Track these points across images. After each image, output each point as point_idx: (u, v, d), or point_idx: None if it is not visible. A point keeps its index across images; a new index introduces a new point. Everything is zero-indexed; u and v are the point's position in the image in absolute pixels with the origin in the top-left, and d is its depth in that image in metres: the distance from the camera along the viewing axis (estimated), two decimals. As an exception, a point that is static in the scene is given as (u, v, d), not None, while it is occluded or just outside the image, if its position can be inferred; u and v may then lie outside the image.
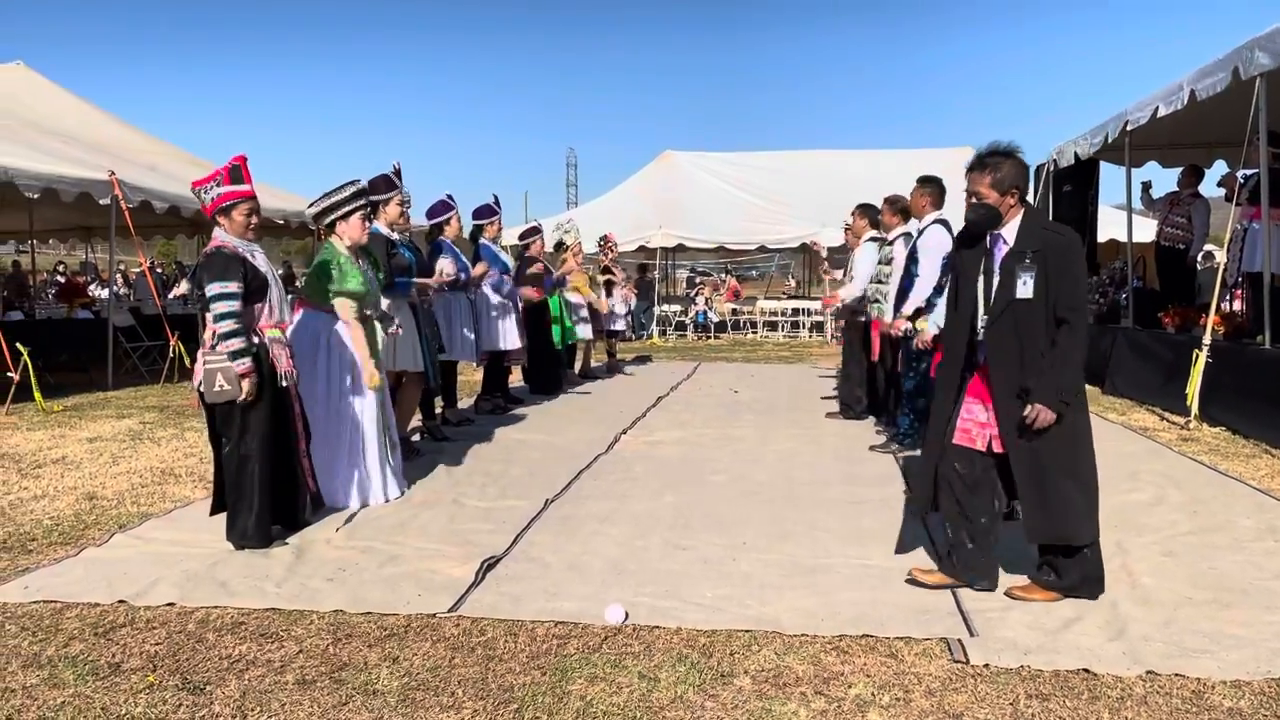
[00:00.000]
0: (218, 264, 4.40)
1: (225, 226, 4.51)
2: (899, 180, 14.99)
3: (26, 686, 3.10)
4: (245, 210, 4.53)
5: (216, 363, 4.37)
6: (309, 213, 5.54)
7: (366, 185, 5.45)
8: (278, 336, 4.58)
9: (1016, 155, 3.77)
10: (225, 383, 4.35)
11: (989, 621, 3.60)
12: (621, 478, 6.13)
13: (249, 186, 4.57)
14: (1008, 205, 3.73)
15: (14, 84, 14.39)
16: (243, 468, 4.50)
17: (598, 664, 3.28)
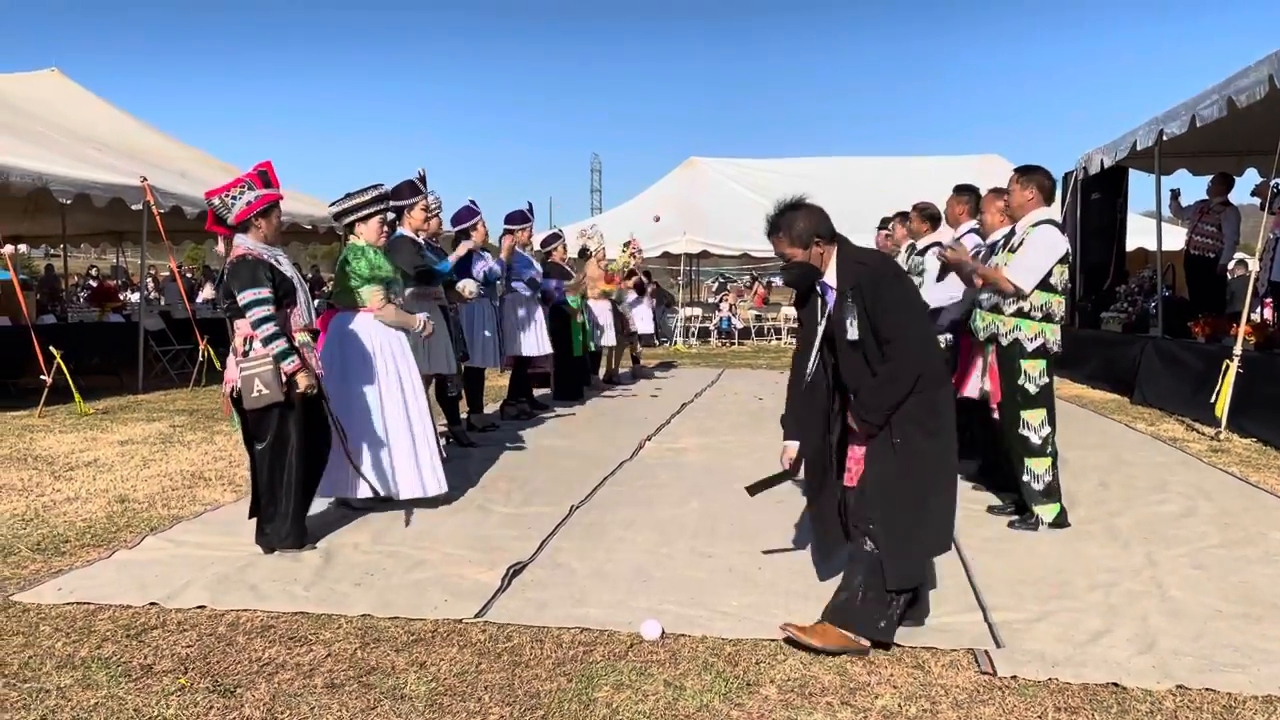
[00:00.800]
0: (246, 271, 4.44)
1: (257, 231, 4.55)
2: (925, 187, 14.97)
3: (61, 687, 3.15)
4: (280, 213, 4.65)
5: (253, 369, 4.41)
6: (330, 212, 5.60)
7: (388, 191, 5.48)
8: (307, 340, 4.64)
9: (802, 204, 3.67)
10: (263, 387, 4.40)
11: (1016, 633, 3.58)
12: (646, 485, 6.14)
13: (278, 190, 4.65)
14: (816, 254, 3.58)
15: (48, 90, 14.63)
16: (275, 471, 4.55)
17: (624, 671, 3.29)
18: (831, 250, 3.60)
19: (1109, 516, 5.28)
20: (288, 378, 4.42)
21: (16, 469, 6.53)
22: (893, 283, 3.50)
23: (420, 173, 6.34)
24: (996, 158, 22.02)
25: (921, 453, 3.46)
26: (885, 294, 3.47)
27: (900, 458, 3.46)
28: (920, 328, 3.53)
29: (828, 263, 3.60)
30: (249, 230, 4.54)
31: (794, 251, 3.61)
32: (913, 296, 3.63)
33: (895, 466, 3.46)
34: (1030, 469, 4.96)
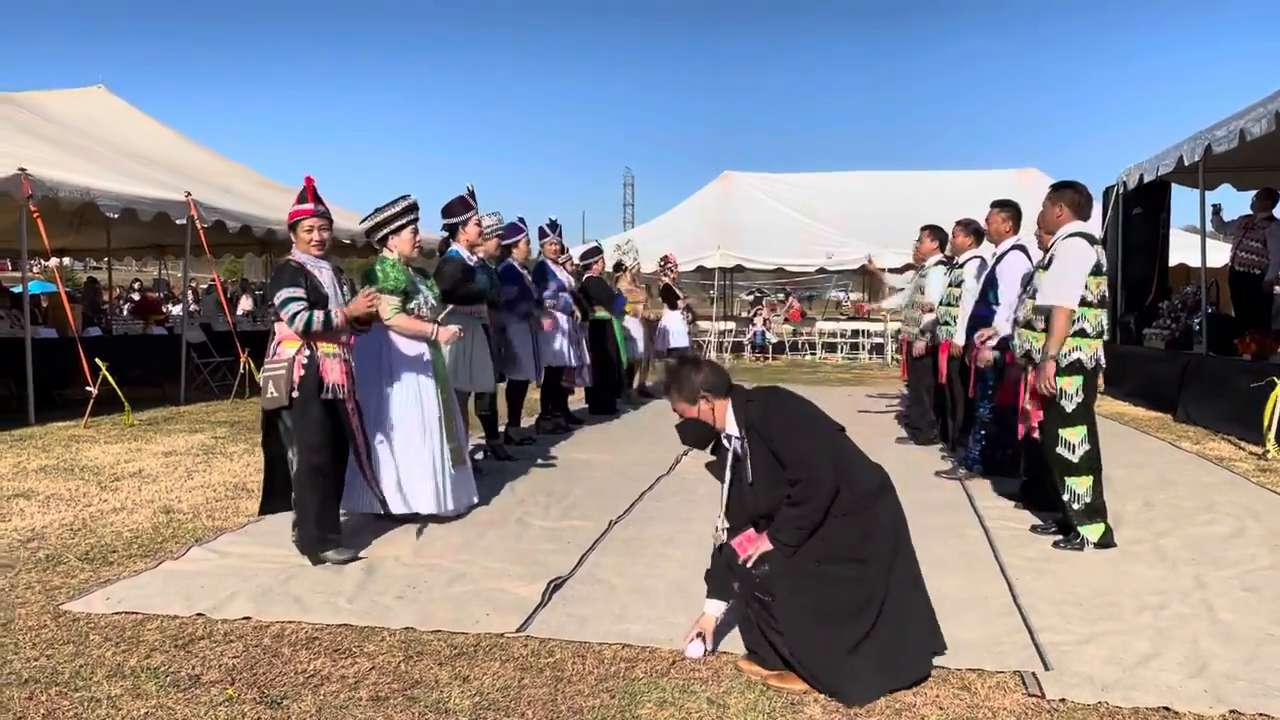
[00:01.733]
0: (286, 275, 4.69)
1: (297, 243, 4.80)
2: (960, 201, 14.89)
3: (111, 696, 3.19)
4: (308, 226, 4.78)
5: (272, 371, 4.63)
6: (361, 228, 5.67)
7: (415, 201, 5.52)
8: (334, 352, 4.71)
9: (699, 361, 3.63)
10: (274, 390, 4.60)
11: (1064, 655, 3.53)
12: (684, 500, 6.13)
13: (311, 205, 4.80)
14: (705, 409, 3.52)
15: (95, 107, 14.93)
16: (299, 477, 4.67)
17: (666, 689, 3.28)
18: (724, 404, 3.51)
19: (1156, 537, 5.20)
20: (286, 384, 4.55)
21: (64, 479, 6.64)
22: (779, 414, 3.40)
23: (469, 188, 6.39)
24: (1034, 171, 21.84)
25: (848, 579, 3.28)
26: (774, 429, 3.37)
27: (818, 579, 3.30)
28: (821, 448, 3.33)
29: (721, 416, 3.52)
30: (294, 239, 4.81)
31: (684, 408, 3.56)
32: (803, 418, 3.43)
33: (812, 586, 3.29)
34: (1070, 488, 4.90)
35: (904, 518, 3.45)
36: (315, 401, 4.63)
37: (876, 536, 3.33)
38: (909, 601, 3.34)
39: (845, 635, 3.23)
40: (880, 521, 3.35)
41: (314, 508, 4.65)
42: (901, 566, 3.35)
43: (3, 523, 5.41)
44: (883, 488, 3.43)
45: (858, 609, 3.26)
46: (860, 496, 3.34)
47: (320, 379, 4.63)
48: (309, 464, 4.64)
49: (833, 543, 3.32)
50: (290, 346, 4.64)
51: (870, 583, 3.29)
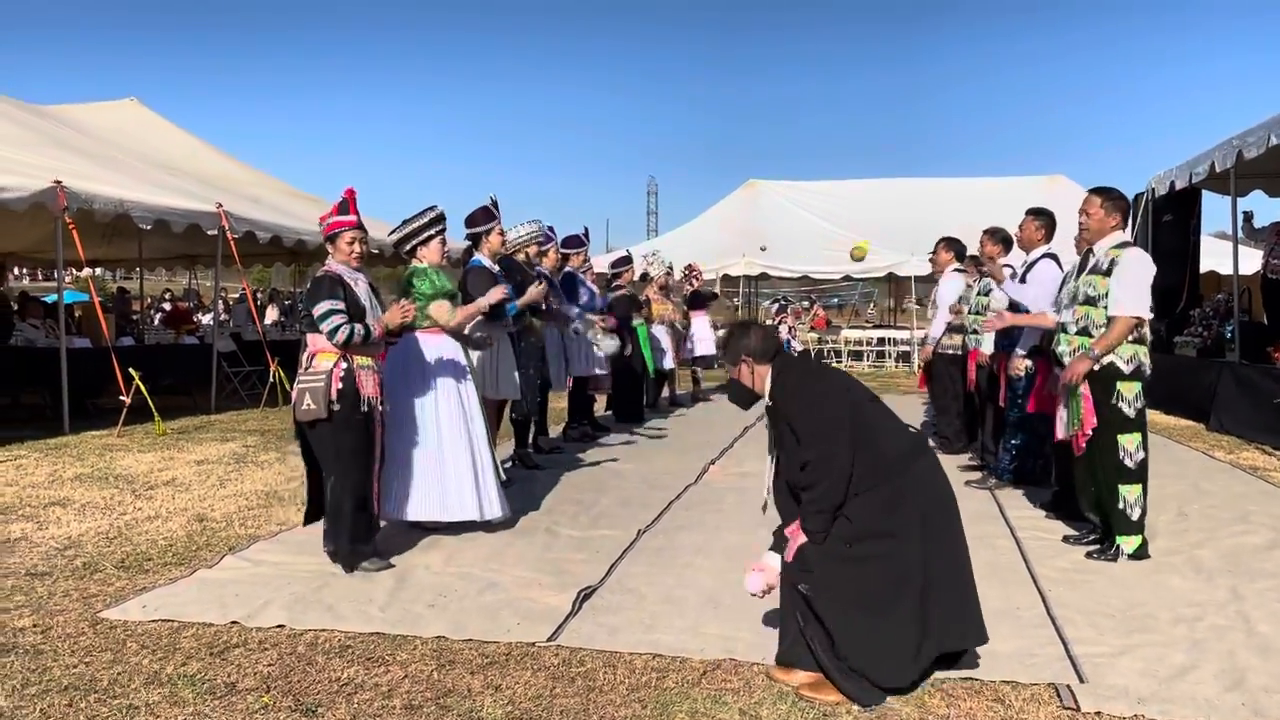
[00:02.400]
0: (324, 287, 4.70)
1: (332, 253, 4.83)
2: (988, 208, 14.80)
3: (149, 704, 3.23)
4: (349, 239, 4.80)
5: (307, 383, 4.62)
6: (389, 240, 5.73)
7: (442, 211, 5.57)
8: (369, 364, 4.75)
9: (750, 324, 3.63)
10: (311, 402, 4.58)
11: (1098, 668, 3.50)
12: (712, 509, 6.13)
13: (353, 217, 4.83)
14: (745, 371, 3.52)
15: (127, 119, 15.15)
16: (336, 487, 4.69)
17: (698, 699, 3.28)
18: (765, 370, 3.50)
19: (1190, 548, 5.14)
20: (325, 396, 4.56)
21: (99, 487, 6.72)
22: (799, 397, 3.39)
23: (492, 198, 6.44)
24: (1062, 178, 21.69)
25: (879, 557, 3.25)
26: (793, 410, 3.38)
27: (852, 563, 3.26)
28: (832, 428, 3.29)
29: (761, 382, 3.52)
30: (330, 253, 4.83)
31: (729, 368, 3.60)
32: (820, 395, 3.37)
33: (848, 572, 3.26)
34: (1124, 496, 4.84)
35: (942, 485, 3.37)
36: (353, 413, 4.65)
37: (905, 507, 3.26)
38: (950, 575, 3.29)
39: (887, 621, 3.20)
40: (905, 491, 3.28)
41: (349, 519, 4.68)
42: (937, 537, 3.28)
43: (40, 530, 5.49)
44: (912, 454, 3.36)
45: (895, 588, 3.22)
46: (885, 467, 3.28)
47: (357, 391, 4.67)
48: (344, 475, 4.67)
49: (859, 520, 3.27)
50: (327, 359, 4.65)
51: (903, 558, 3.23)
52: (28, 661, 3.56)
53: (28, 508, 6.07)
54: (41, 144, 11.05)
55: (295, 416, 4.69)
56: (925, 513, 3.29)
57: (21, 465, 7.56)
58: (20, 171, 9.11)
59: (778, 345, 3.56)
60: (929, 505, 3.32)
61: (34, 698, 3.26)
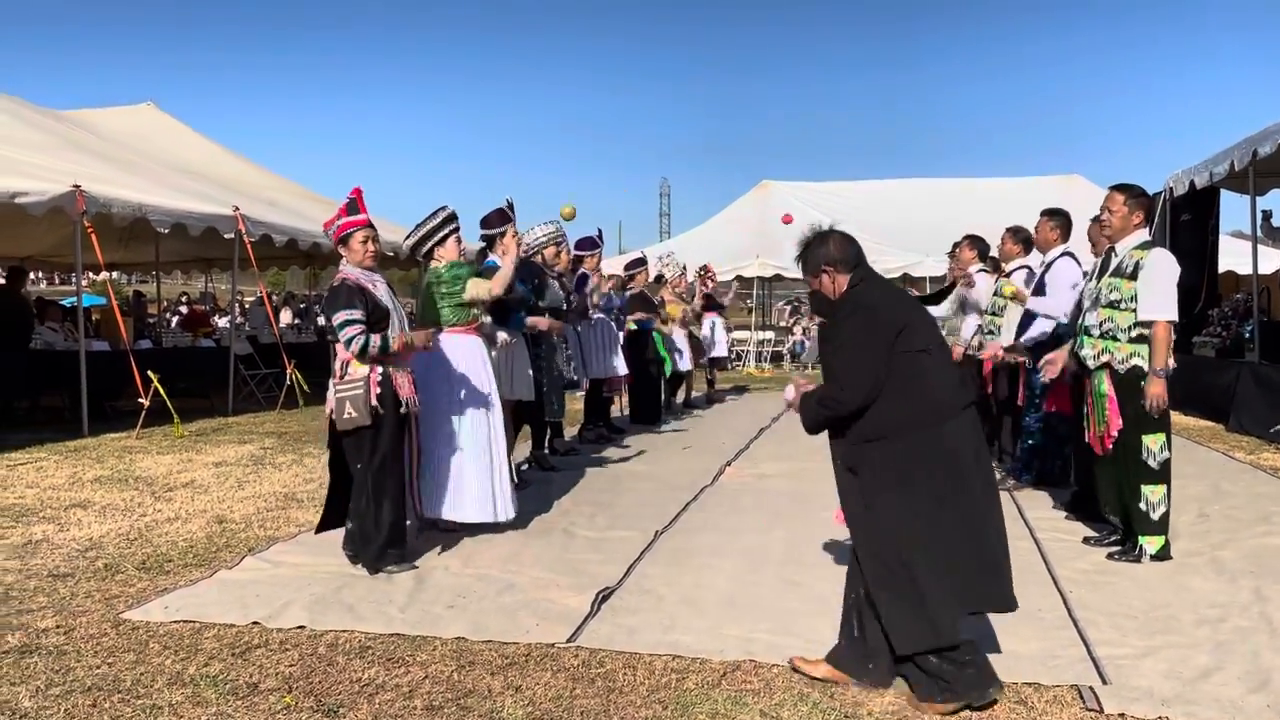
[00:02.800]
0: (341, 296, 4.66)
1: (346, 256, 4.78)
2: (1003, 208, 14.74)
3: (173, 704, 3.25)
4: (361, 238, 4.77)
5: (347, 391, 4.57)
6: (405, 245, 5.73)
7: (453, 210, 5.56)
8: (403, 365, 4.74)
9: (830, 232, 3.51)
10: (353, 410, 4.54)
11: (1121, 669, 3.48)
12: (729, 510, 6.12)
13: (364, 215, 4.81)
14: (826, 282, 3.46)
15: (144, 123, 15.26)
16: (375, 491, 4.66)
17: (718, 700, 3.28)
18: (845, 280, 3.41)
19: (1212, 549, 5.11)
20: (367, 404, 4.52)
21: (119, 489, 6.77)
22: (846, 321, 3.35)
23: (508, 201, 6.45)
24: (1078, 178, 21.61)
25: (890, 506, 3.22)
26: (835, 332, 3.37)
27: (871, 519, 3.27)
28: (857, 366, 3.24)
29: (840, 291, 3.43)
30: (344, 257, 4.78)
31: (810, 280, 3.52)
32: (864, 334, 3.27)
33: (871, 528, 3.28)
34: (1147, 496, 4.81)
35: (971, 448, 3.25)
36: (393, 415, 4.65)
37: (927, 463, 3.19)
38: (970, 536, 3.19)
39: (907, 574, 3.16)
40: (922, 448, 3.20)
41: (386, 522, 4.68)
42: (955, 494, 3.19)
43: (62, 532, 5.53)
44: (942, 413, 3.23)
45: (912, 543, 3.16)
46: (910, 421, 3.19)
47: (395, 394, 4.66)
48: (382, 479, 4.66)
49: (876, 474, 3.23)
50: (362, 366, 4.62)
51: (919, 513, 3.17)
52: (51, 662, 3.59)
53: (49, 509, 6.11)
54: (60, 148, 11.13)
55: (337, 427, 4.64)
56: (945, 473, 3.20)
57: (42, 467, 7.62)
58: (39, 176, 9.18)
59: (858, 252, 3.43)
60: (949, 467, 3.21)
61: (58, 698, 3.28)
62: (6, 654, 3.66)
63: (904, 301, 3.47)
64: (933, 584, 3.15)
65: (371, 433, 4.60)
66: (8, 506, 6.19)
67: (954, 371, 3.39)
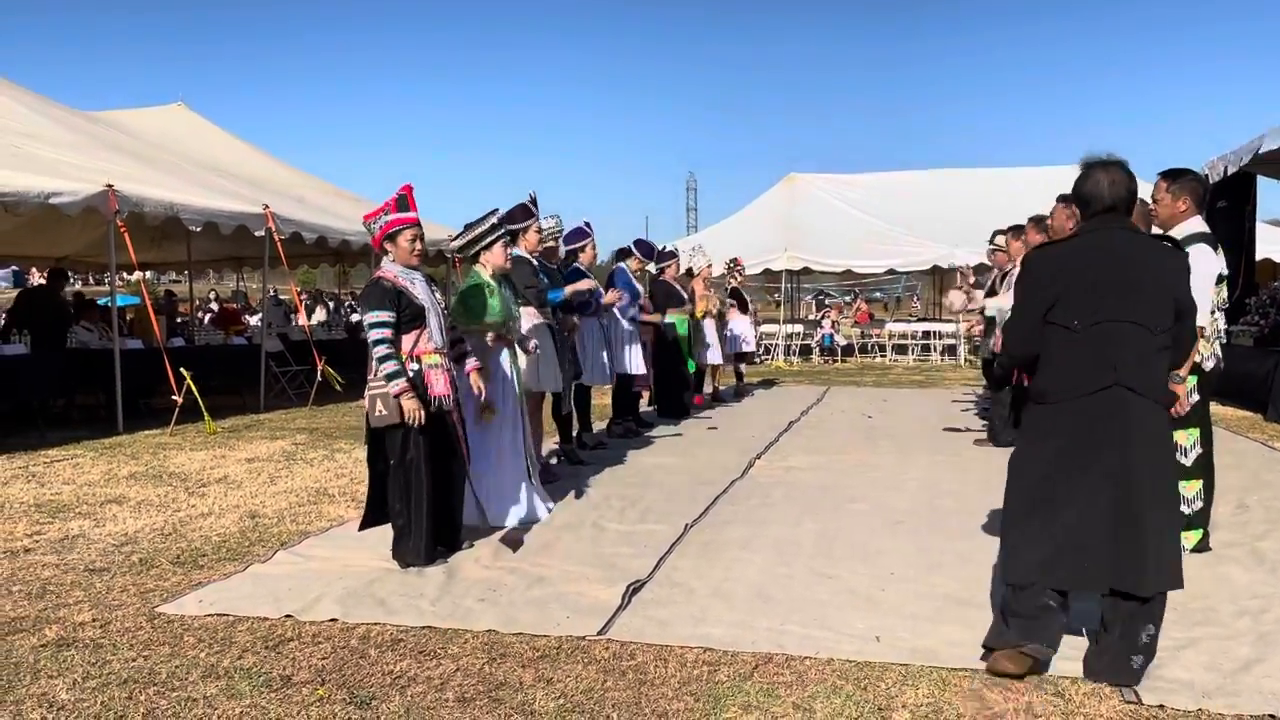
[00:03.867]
0: (375, 295, 4.65)
1: (392, 253, 4.76)
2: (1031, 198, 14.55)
3: (207, 696, 3.27)
4: (409, 236, 4.75)
5: (378, 389, 4.58)
6: (453, 246, 5.75)
7: (505, 215, 5.60)
8: (437, 362, 4.74)
9: (1097, 165, 3.45)
10: (384, 408, 4.55)
11: (1160, 660, 3.42)
12: (759, 504, 6.09)
13: (414, 214, 4.79)
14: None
15: (175, 123, 15.42)
16: (406, 489, 4.67)
17: (750, 692, 3.26)
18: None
19: (1252, 540, 5.03)
20: (396, 403, 4.53)
21: (153, 485, 6.84)
22: (1046, 249, 3.54)
23: (531, 195, 6.47)
24: (1109, 167, 21.27)
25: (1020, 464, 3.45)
26: (1030, 254, 3.55)
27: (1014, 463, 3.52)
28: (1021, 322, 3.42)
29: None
30: (387, 254, 4.76)
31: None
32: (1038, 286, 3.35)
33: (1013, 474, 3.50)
34: (1181, 491, 4.71)
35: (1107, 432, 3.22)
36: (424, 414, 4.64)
37: (1048, 437, 3.32)
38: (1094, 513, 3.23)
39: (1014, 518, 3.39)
40: (1043, 422, 3.36)
41: (427, 522, 4.68)
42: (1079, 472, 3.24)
43: (98, 528, 5.59)
44: (1077, 389, 3.25)
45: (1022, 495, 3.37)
46: (1051, 390, 3.33)
47: (425, 391, 4.66)
48: (412, 477, 4.66)
49: (1025, 432, 3.51)
50: None
51: (1030, 475, 3.36)
52: (88, 655, 3.63)
53: (85, 505, 6.19)
54: (93, 148, 11.26)
55: (370, 423, 4.66)
56: (1057, 450, 3.28)
57: (79, 464, 7.71)
58: (73, 176, 9.29)
59: (1105, 206, 3.35)
60: (1063, 443, 3.27)
61: (94, 690, 3.32)
62: (44, 647, 3.71)
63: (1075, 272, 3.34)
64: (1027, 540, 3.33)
65: (404, 430, 4.61)
66: (45, 502, 6.27)
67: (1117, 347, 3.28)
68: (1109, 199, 3.32)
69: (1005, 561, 3.40)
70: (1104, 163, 3.36)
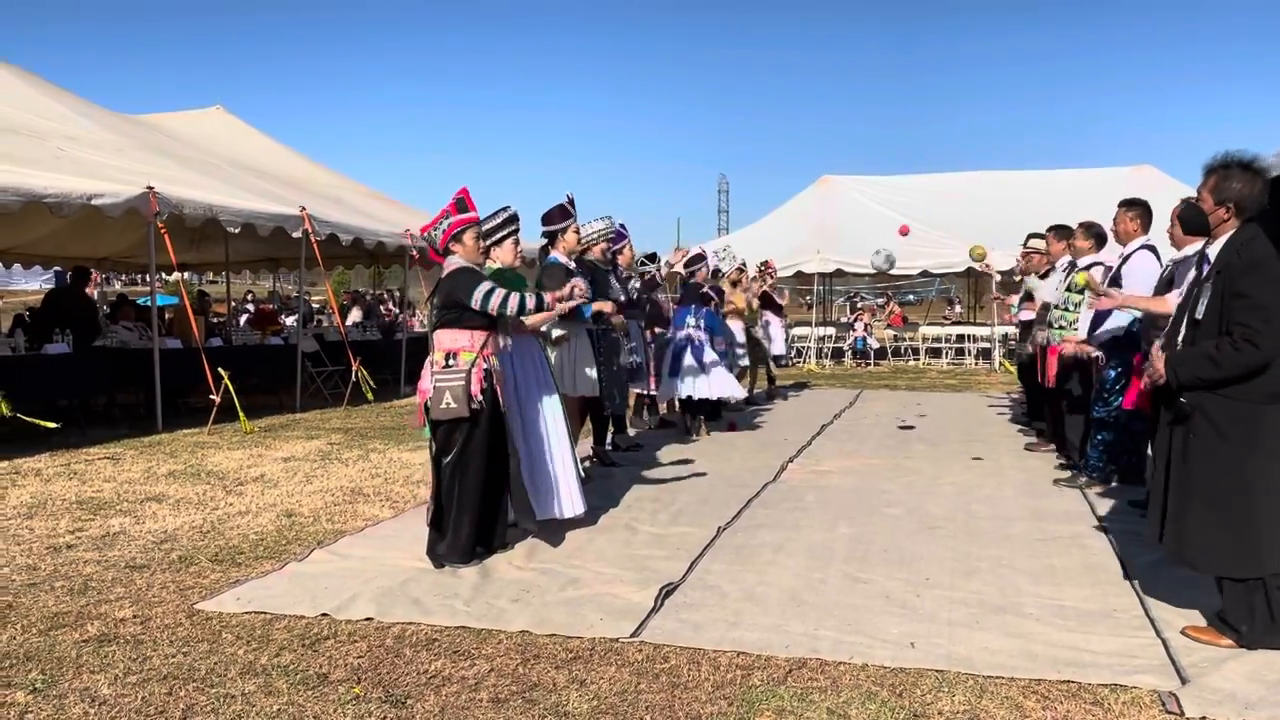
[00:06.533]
0: (466, 277, 4.70)
1: (459, 253, 4.82)
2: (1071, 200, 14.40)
3: (245, 693, 3.31)
4: (474, 234, 4.85)
5: (447, 381, 4.61)
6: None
7: (515, 212, 5.59)
8: (498, 364, 4.82)
9: (1254, 169, 3.55)
10: (453, 400, 4.59)
11: (1202, 671, 3.37)
12: (792, 507, 6.07)
13: (474, 213, 4.88)
14: (1218, 216, 3.62)
15: (214, 126, 15.61)
16: (459, 487, 4.70)
17: (784, 697, 3.25)
18: (1230, 226, 3.60)
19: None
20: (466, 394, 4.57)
21: (192, 483, 6.93)
22: (1259, 280, 3.42)
23: (569, 197, 6.48)
24: (1150, 168, 21.02)
25: (1212, 453, 3.50)
26: (1246, 287, 3.42)
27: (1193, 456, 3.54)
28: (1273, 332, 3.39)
29: (1220, 232, 3.64)
30: (453, 254, 4.83)
31: (1205, 197, 3.70)
32: None
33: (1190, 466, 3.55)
34: None
35: None
36: (494, 410, 4.68)
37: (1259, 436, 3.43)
38: None
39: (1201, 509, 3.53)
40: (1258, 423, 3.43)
41: (472, 522, 4.72)
42: None
43: (138, 525, 5.67)
44: None
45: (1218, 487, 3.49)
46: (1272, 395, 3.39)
47: (495, 390, 4.70)
48: (462, 475, 4.69)
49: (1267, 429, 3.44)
50: (468, 357, 4.65)
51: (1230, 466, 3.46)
52: (129, 651, 3.68)
53: (125, 503, 6.28)
54: (135, 150, 11.42)
55: (432, 415, 4.67)
56: None
57: (119, 462, 7.83)
58: (115, 178, 9.43)
59: (1259, 207, 3.56)
60: None
61: (135, 686, 3.36)
62: (87, 642, 3.77)
63: None
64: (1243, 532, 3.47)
65: (467, 426, 4.64)
66: (87, 499, 6.37)
67: None
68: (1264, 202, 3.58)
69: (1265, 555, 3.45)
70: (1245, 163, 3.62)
